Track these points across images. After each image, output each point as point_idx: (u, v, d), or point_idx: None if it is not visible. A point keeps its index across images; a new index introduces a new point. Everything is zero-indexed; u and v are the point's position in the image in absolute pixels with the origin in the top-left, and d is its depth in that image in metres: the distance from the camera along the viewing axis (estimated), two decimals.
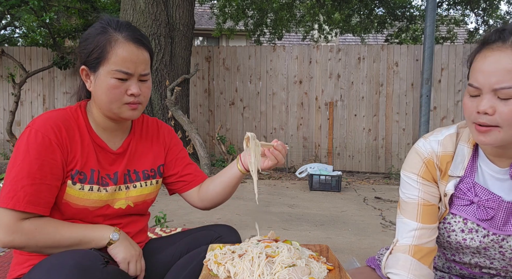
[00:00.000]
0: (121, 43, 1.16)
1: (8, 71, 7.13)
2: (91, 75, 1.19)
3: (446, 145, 1.08)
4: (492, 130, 0.92)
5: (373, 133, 7.11)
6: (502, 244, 1.00)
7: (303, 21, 11.07)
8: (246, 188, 5.32)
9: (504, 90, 0.88)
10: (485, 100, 0.91)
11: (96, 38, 1.17)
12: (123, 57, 1.15)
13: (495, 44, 0.91)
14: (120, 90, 1.16)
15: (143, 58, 1.19)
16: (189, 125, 5.97)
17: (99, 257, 1.03)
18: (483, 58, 0.92)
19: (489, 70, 0.90)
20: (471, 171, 1.05)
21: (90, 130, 1.24)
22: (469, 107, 0.95)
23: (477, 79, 0.92)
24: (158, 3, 5.96)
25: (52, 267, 0.97)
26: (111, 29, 1.17)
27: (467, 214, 1.04)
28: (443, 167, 1.07)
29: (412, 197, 1.09)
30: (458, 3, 10.27)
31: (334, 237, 3.15)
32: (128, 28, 1.19)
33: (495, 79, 0.89)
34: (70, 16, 8.50)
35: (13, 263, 1.22)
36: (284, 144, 1.30)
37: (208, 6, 12.98)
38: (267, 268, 0.98)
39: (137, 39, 1.18)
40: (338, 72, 7.16)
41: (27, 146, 1.11)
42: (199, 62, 7.30)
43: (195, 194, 1.43)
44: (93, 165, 1.21)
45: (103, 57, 1.15)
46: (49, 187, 1.12)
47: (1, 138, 7.55)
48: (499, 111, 0.89)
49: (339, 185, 5.28)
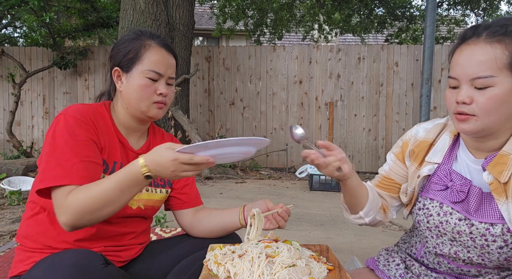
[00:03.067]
0: (154, 47, 1.28)
1: (8, 71, 7.13)
2: (123, 76, 1.28)
3: (430, 132, 1.19)
4: (470, 119, 0.99)
5: (373, 133, 7.11)
6: (472, 229, 1.05)
7: (303, 21, 11.07)
8: (246, 188, 5.32)
9: (479, 79, 0.96)
10: (463, 90, 0.99)
11: (132, 42, 1.28)
12: (156, 59, 1.26)
13: (471, 39, 1.00)
14: (151, 89, 1.26)
15: (172, 63, 1.31)
16: (189, 125, 5.97)
17: (99, 257, 1.03)
18: (459, 52, 1.01)
19: (465, 62, 0.98)
20: (449, 159, 1.14)
21: (115, 127, 1.29)
22: (449, 98, 1.03)
23: (455, 71, 1.00)
24: (158, 3, 5.96)
25: (52, 266, 0.98)
26: (145, 37, 1.29)
27: (442, 198, 1.11)
28: (417, 150, 1.18)
29: (381, 170, 1.30)
30: (458, 3, 10.27)
31: (334, 237, 3.15)
32: (159, 36, 1.32)
33: (471, 70, 0.97)
34: (70, 16, 8.51)
35: (15, 260, 1.23)
36: (287, 208, 1.33)
37: (208, 6, 12.98)
38: (267, 268, 0.98)
39: (167, 46, 1.31)
40: (338, 72, 7.16)
41: (66, 128, 1.13)
42: (199, 62, 7.30)
43: (187, 217, 1.43)
44: (116, 158, 1.25)
45: (137, 58, 1.26)
46: (95, 165, 1.15)
47: (1, 138, 7.55)
48: (476, 100, 0.97)
49: (339, 185, 5.27)
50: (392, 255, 1.30)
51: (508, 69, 0.95)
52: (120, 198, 1.07)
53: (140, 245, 1.37)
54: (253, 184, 5.63)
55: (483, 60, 0.96)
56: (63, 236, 1.19)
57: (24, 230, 1.22)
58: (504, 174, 1.00)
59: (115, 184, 1.06)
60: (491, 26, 0.98)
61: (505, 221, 1.00)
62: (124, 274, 1.19)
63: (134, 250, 1.34)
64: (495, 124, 0.99)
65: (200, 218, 1.41)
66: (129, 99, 1.27)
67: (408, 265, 1.26)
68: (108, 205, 1.06)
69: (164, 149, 1.03)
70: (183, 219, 1.43)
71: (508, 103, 0.97)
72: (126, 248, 1.31)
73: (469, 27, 1.03)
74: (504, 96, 0.95)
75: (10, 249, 2.54)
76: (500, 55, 0.95)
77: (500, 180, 1.00)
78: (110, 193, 1.06)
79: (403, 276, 1.24)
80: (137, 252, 1.35)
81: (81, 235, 1.20)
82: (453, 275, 1.17)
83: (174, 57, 1.34)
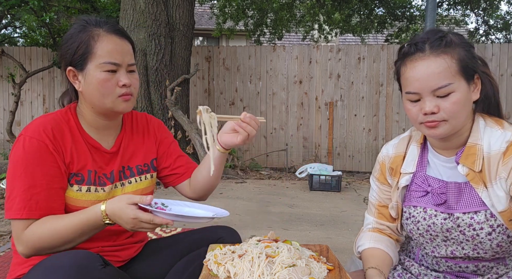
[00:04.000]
0: (104, 36, 1.17)
1: (8, 71, 7.13)
2: (79, 75, 1.19)
3: (399, 147, 1.26)
4: (439, 124, 1.06)
5: (373, 133, 7.11)
6: (458, 222, 1.11)
7: (303, 21, 11.07)
8: (246, 188, 5.32)
9: (442, 89, 1.03)
10: (427, 102, 1.05)
11: (79, 36, 1.17)
12: (109, 49, 1.16)
13: (416, 55, 1.07)
14: (112, 83, 1.17)
15: (128, 48, 1.21)
16: (189, 125, 5.97)
17: (98, 258, 1.03)
18: (412, 69, 1.07)
19: (423, 76, 1.05)
20: (422, 166, 1.21)
21: (82, 132, 1.23)
22: (413, 112, 1.09)
23: (415, 86, 1.06)
24: (158, 3, 5.96)
25: (51, 268, 0.97)
26: (91, 26, 1.18)
27: (425, 203, 1.17)
28: (394, 166, 1.25)
29: (372, 198, 1.34)
30: (458, 3, 10.27)
31: (334, 237, 3.15)
32: (107, 22, 1.21)
33: (432, 83, 1.04)
34: (70, 16, 8.50)
35: (13, 263, 1.22)
36: (255, 117, 1.23)
37: (208, 6, 12.98)
38: (267, 268, 0.98)
39: (118, 31, 1.20)
40: (338, 72, 7.16)
41: (25, 154, 1.11)
42: (199, 62, 7.30)
43: (187, 186, 1.42)
44: (89, 166, 1.21)
45: (89, 53, 1.16)
46: (57, 191, 1.13)
47: (1, 138, 7.55)
48: (442, 107, 1.04)
49: (339, 185, 5.28)
50: None
51: (460, 74, 1.05)
52: (80, 238, 1.12)
53: (138, 244, 1.37)
54: (253, 184, 5.63)
55: (439, 71, 1.03)
56: None
57: None
58: (476, 163, 1.08)
59: (76, 226, 1.09)
60: (430, 40, 1.06)
61: (487, 207, 1.07)
62: (123, 274, 1.18)
63: (133, 249, 1.34)
64: (461, 122, 1.08)
65: (195, 179, 1.39)
66: (91, 98, 1.19)
67: (407, 266, 1.27)
68: (67, 243, 1.11)
69: (126, 205, 1.06)
70: (185, 189, 1.43)
71: (468, 103, 1.07)
72: (124, 247, 1.30)
73: (406, 44, 1.11)
74: (464, 98, 1.05)
75: (10, 249, 2.54)
76: (450, 64, 1.04)
77: (475, 169, 1.08)
78: (71, 233, 1.09)
79: (401, 276, 1.24)
80: (136, 251, 1.35)
81: None
82: (453, 274, 1.18)
83: (129, 41, 1.23)
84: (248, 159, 7.18)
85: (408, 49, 1.09)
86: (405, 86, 1.10)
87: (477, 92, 1.10)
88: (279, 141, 7.29)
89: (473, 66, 1.07)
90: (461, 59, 1.05)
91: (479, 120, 1.12)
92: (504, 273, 1.14)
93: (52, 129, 1.16)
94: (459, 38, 1.08)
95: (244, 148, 7.34)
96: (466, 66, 1.06)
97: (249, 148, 7.33)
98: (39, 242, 1.09)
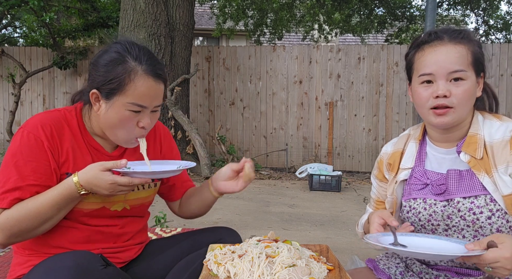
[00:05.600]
0: (141, 77, 1.13)
1: (8, 71, 7.13)
2: (102, 102, 1.15)
3: (398, 144, 1.33)
4: (448, 112, 1.12)
5: (373, 133, 7.11)
6: (459, 207, 1.14)
7: (303, 21, 11.06)
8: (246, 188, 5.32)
9: (456, 73, 1.10)
10: (441, 85, 1.11)
11: (115, 68, 1.13)
12: (141, 92, 1.13)
13: (434, 42, 1.14)
14: (132, 123, 1.16)
15: (160, 91, 1.18)
16: (189, 125, 5.97)
17: (98, 258, 1.03)
18: (431, 52, 1.13)
19: (442, 58, 1.11)
20: (420, 161, 1.26)
21: (84, 133, 1.23)
22: (424, 96, 1.14)
23: (431, 68, 1.12)
24: (158, 3, 5.96)
25: (52, 268, 0.97)
26: (131, 60, 1.14)
27: (424, 194, 1.21)
28: (392, 161, 1.31)
29: (372, 193, 1.42)
30: (458, 3, 10.27)
31: (334, 237, 3.15)
32: (148, 59, 1.15)
33: (450, 65, 1.10)
34: (70, 16, 8.51)
35: (13, 263, 1.22)
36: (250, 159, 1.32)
37: (208, 6, 12.97)
38: (267, 268, 0.98)
39: (156, 74, 1.16)
40: (338, 72, 7.15)
41: (20, 148, 1.11)
42: (199, 62, 7.29)
43: (176, 206, 1.49)
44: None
45: (121, 89, 1.12)
46: (42, 188, 1.12)
47: (1, 138, 7.55)
48: (454, 93, 1.10)
49: (339, 185, 5.28)
50: (393, 254, 1.32)
51: (472, 66, 1.12)
52: (58, 214, 1.11)
53: (139, 245, 1.36)
54: (253, 184, 5.63)
55: (457, 56, 1.11)
56: (57, 242, 1.18)
57: None
58: (478, 150, 1.13)
59: (52, 202, 1.09)
60: (448, 32, 1.14)
61: (487, 192, 1.11)
62: (124, 274, 1.18)
63: (133, 250, 1.33)
64: (465, 114, 1.14)
65: (184, 204, 1.46)
66: (106, 125, 1.17)
67: (409, 264, 1.28)
68: (46, 222, 1.10)
69: (100, 172, 1.07)
70: (175, 207, 1.49)
71: (473, 95, 1.14)
72: (124, 249, 1.30)
73: (424, 34, 1.18)
74: (472, 89, 1.12)
75: (10, 249, 2.54)
76: (466, 54, 1.12)
77: (476, 157, 1.13)
78: (48, 209, 1.09)
79: (403, 274, 1.24)
80: (136, 252, 1.35)
81: (76, 239, 1.19)
82: (453, 271, 1.19)
83: (164, 81, 1.19)
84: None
85: (428, 37, 1.16)
86: (419, 69, 1.15)
87: (479, 90, 1.17)
88: (279, 141, 7.28)
89: (483, 63, 1.15)
90: (475, 53, 1.13)
91: (478, 115, 1.19)
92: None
93: (51, 127, 1.15)
94: (474, 35, 1.16)
95: (244, 148, 7.34)
96: (478, 61, 1.13)
97: (249, 148, 7.33)
98: (17, 225, 1.07)
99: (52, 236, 1.17)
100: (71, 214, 1.17)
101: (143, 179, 1.10)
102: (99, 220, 1.22)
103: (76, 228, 1.19)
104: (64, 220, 1.17)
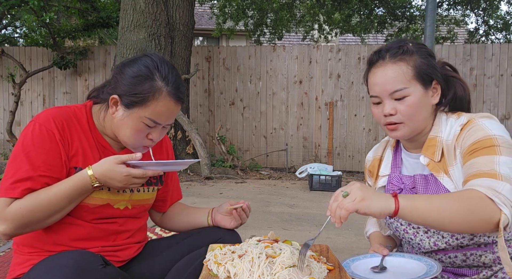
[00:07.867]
0: (165, 97, 1.18)
1: (8, 71, 7.13)
2: (120, 108, 1.19)
3: (377, 151, 1.41)
4: (399, 126, 1.18)
5: (373, 133, 7.11)
6: None
7: (303, 21, 11.05)
8: (246, 188, 5.32)
9: (397, 92, 1.15)
10: (386, 104, 1.18)
11: (142, 83, 1.17)
12: (161, 111, 1.18)
13: (378, 63, 1.20)
14: (143, 134, 1.21)
15: (176, 112, 1.24)
16: (189, 125, 5.97)
17: (98, 258, 1.03)
18: (373, 74, 1.20)
19: (381, 81, 1.18)
20: (396, 167, 1.32)
21: (93, 131, 1.25)
22: (377, 113, 1.22)
23: (375, 90, 1.19)
24: (158, 3, 5.96)
25: (51, 268, 0.97)
26: (159, 78, 1.18)
27: None
28: (371, 169, 1.39)
29: None
30: (458, 3, 10.27)
31: (334, 237, 3.15)
32: (174, 81, 1.20)
33: (388, 86, 1.16)
34: (70, 16, 8.51)
35: (13, 263, 1.22)
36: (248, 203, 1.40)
37: (208, 6, 12.97)
38: (267, 268, 0.98)
39: (178, 97, 1.21)
40: (338, 72, 7.16)
41: (32, 139, 1.13)
42: (199, 62, 7.29)
43: (158, 216, 1.51)
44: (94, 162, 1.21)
45: (143, 104, 1.17)
46: (52, 180, 1.13)
47: (1, 138, 7.55)
48: (399, 110, 1.16)
49: (339, 185, 5.28)
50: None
51: (415, 80, 1.16)
52: (68, 205, 1.14)
53: (138, 244, 1.36)
54: (253, 184, 5.63)
55: (394, 76, 1.16)
56: (58, 239, 1.18)
57: (19, 238, 1.21)
58: (436, 153, 1.19)
59: (64, 194, 1.11)
60: (390, 49, 1.19)
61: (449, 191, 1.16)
62: (124, 274, 1.18)
63: (132, 249, 1.33)
64: (420, 124, 1.19)
65: (170, 216, 1.49)
66: (118, 130, 1.22)
67: None
68: (56, 213, 1.12)
69: (116, 164, 1.11)
70: (156, 216, 1.52)
71: (424, 106, 1.18)
72: (123, 247, 1.30)
73: (373, 53, 1.23)
74: (419, 101, 1.16)
75: (10, 249, 2.54)
76: (406, 70, 1.16)
77: (434, 160, 1.19)
78: (61, 201, 1.11)
79: None
80: (135, 251, 1.35)
81: (76, 236, 1.19)
82: (448, 271, 1.23)
83: (182, 104, 1.25)
84: (248, 159, 7.17)
85: (372, 57, 1.22)
86: (370, 90, 1.23)
87: (436, 97, 1.21)
88: (279, 140, 7.28)
89: (429, 73, 1.18)
90: (417, 66, 1.16)
91: (441, 116, 1.23)
92: (499, 269, 1.18)
93: (62, 120, 1.18)
94: (418, 47, 1.20)
95: (244, 148, 7.34)
96: (422, 73, 1.17)
97: (249, 148, 7.34)
98: (28, 216, 1.08)
99: (52, 233, 1.18)
100: (74, 209, 1.18)
101: (156, 171, 1.16)
102: (100, 217, 1.23)
103: (77, 225, 1.20)
104: (66, 216, 1.18)
